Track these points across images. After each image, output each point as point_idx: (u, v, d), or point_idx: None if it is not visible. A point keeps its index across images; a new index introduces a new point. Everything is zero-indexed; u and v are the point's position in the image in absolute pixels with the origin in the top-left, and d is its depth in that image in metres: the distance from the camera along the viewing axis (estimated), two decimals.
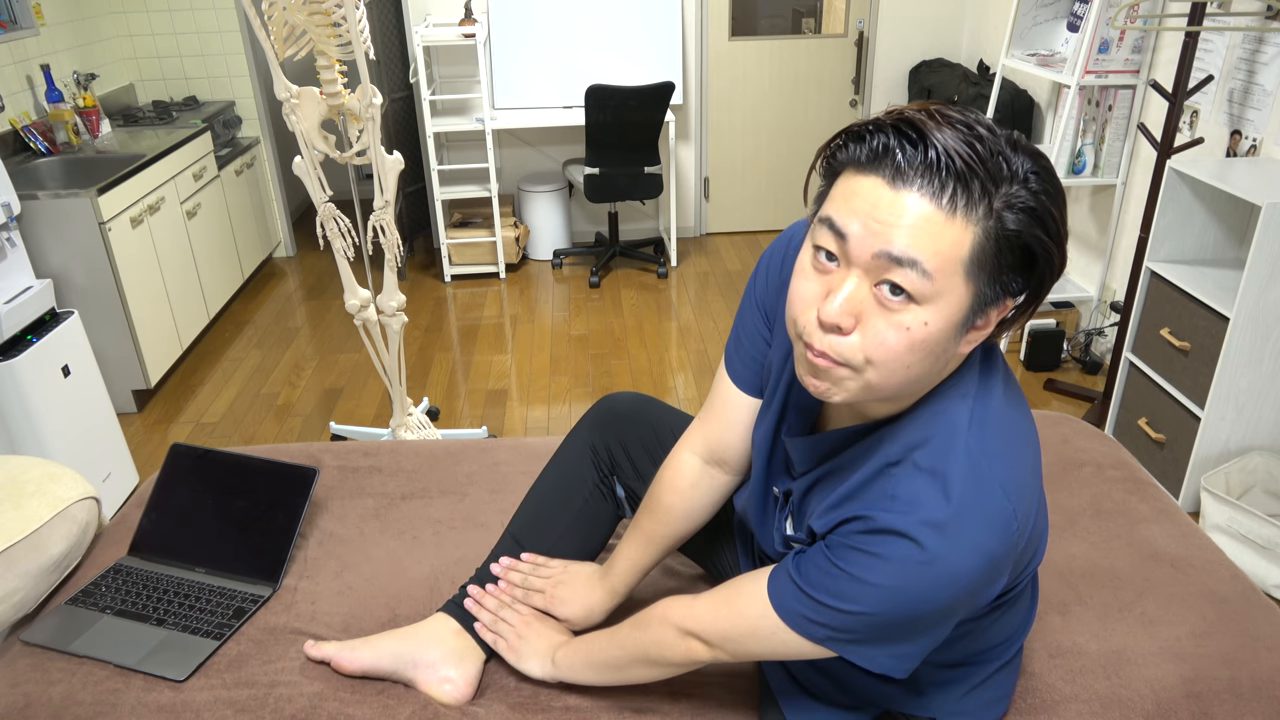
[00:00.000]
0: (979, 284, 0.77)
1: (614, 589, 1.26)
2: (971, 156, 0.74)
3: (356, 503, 1.63)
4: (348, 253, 2.48)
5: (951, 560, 0.81)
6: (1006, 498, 0.83)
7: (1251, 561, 2.23)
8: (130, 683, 1.23)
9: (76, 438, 2.50)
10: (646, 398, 1.39)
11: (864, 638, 0.89)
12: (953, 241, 0.75)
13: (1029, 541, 0.91)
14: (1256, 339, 2.28)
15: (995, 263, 0.76)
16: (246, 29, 4.35)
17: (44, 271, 3.01)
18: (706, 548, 1.35)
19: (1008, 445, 0.86)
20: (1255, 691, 1.19)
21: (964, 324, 0.79)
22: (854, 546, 0.86)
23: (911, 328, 0.77)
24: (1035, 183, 0.76)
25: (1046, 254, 0.78)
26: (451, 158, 4.77)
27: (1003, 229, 0.75)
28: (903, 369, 0.79)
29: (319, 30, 2.17)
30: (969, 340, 0.82)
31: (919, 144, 0.74)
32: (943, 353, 0.80)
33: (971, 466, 0.83)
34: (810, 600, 0.90)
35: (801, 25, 4.66)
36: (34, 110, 3.54)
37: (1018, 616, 1.07)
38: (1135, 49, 3.14)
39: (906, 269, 0.75)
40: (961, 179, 0.74)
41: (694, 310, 4.05)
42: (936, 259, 0.74)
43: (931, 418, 0.86)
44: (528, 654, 1.23)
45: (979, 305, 0.78)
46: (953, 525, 0.81)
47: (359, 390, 3.40)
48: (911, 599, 0.83)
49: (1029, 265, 0.78)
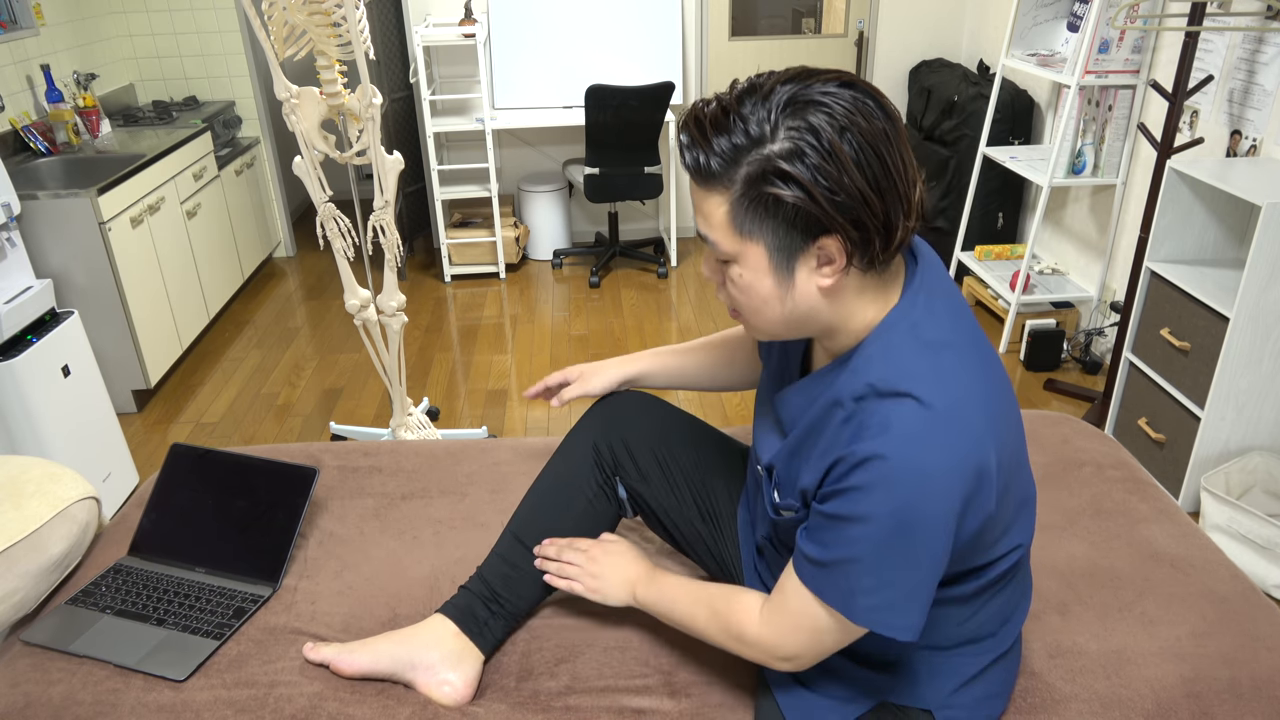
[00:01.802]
0: (759, 238, 0.90)
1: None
2: (717, 140, 0.88)
3: (356, 503, 1.63)
4: (348, 253, 2.48)
5: (930, 462, 0.86)
6: (965, 391, 0.90)
7: (1251, 561, 2.23)
8: (130, 683, 1.23)
9: (76, 438, 2.50)
10: (650, 397, 1.39)
11: (877, 582, 0.91)
12: (715, 210, 0.91)
13: (1004, 443, 0.93)
14: (1256, 339, 2.28)
15: (757, 220, 0.89)
16: (246, 29, 4.35)
17: (44, 271, 3.01)
18: (710, 545, 1.35)
19: (947, 338, 0.93)
20: (1255, 691, 1.19)
21: (780, 268, 0.91)
22: (841, 490, 0.91)
23: (736, 280, 0.94)
24: (789, 143, 0.85)
25: (798, 199, 0.86)
26: (451, 158, 4.77)
27: (750, 191, 0.88)
28: (760, 314, 0.95)
29: (319, 30, 2.17)
30: (825, 275, 0.91)
31: (687, 131, 0.91)
32: (785, 296, 0.93)
33: (930, 377, 0.90)
34: (829, 568, 0.94)
35: (801, 25, 4.66)
36: (34, 110, 3.54)
37: (1009, 598, 1.08)
38: (1135, 49, 3.14)
39: (709, 239, 0.93)
40: (707, 160, 0.89)
41: (694, 310, 4.05)
42: (717, 230, 0.92)
43: (880, 348, 0.94)
44: (609, 594, 1.25)
45: (780, 252, 0.90)
46: (924, 433, 0.87)
47: (359, 390, 3.40)
48: (907, 515, 0.87)
49: (807, 211, 0.86)
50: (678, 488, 1.34)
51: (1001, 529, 1.00)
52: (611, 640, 1.31)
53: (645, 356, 1.44)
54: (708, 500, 1.34)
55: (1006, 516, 0.99)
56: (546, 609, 1.37)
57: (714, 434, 1.39)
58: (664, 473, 1.34)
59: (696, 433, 1.38)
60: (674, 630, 1.32)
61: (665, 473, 1.34)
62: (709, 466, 1.35)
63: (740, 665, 1.26)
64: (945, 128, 4.11)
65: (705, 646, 1.29)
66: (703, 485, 1.34)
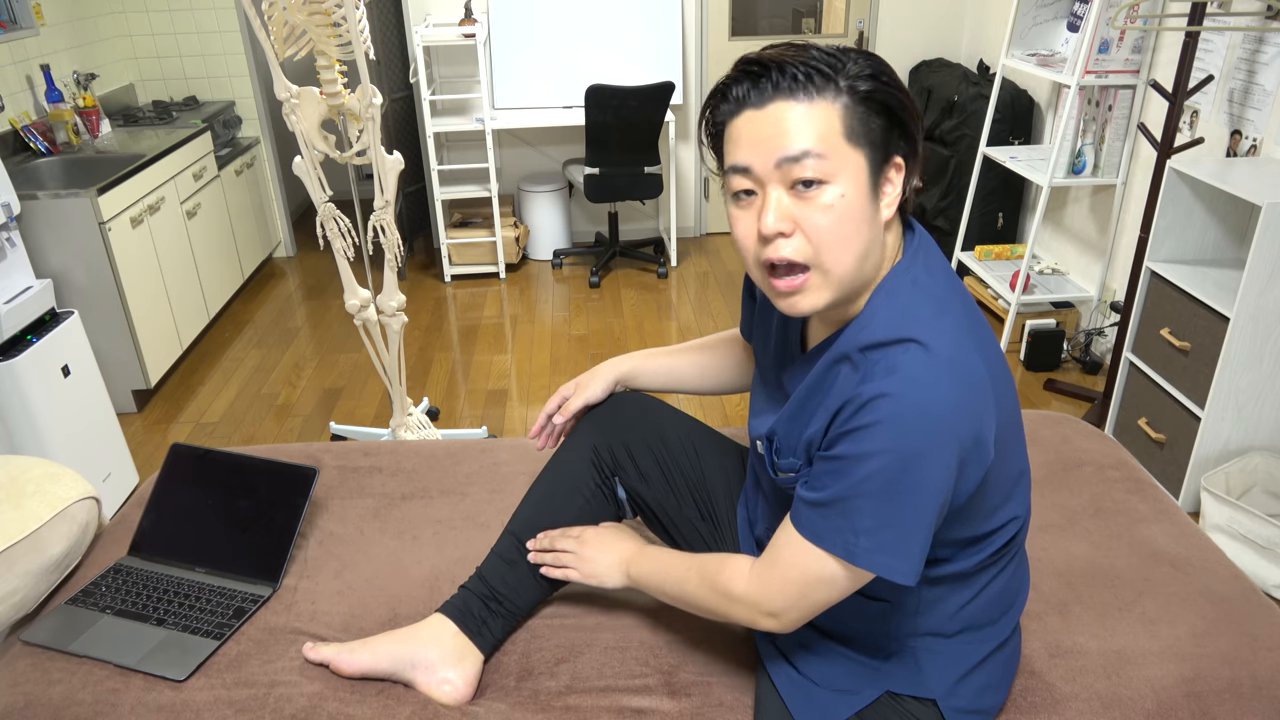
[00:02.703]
0: (864, 147, 0.91)
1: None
2: (806, 59, 0.90)
3: (356, 503, 1.64)
4: (348, 253, 2.48)
5: (934, 402, 0.88)
6: (965, 343, 0.93)
7: (1251, 561, 2.23)
8: (130, 683, 1.23)
9: (76, 438, 2.50)
10: (649, 399, 1.40)
11: (877, 522, 0.91)
12: (825, 120, 0.90)
13: (1003, 396, 0.96)
14: (1256, 339, 2.28)
15: (865, 124, 0.91)
16: (246, 29, 4.35)
17: (44, 271, 3.01)
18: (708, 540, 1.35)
19: (946, 296, 0.97)
20: (1255, 691, 1.19)
21: (873, 186, 0.92)
22: (847, 431, 0.92)
23: (834, 204, 0.91)
24: (865, 64, 0.92)
25: (902, 105, 0.93)
26: (451, 158, 4.77)
27: (857, 95, 0.91)
28: (846, 245, 0.92)
29: (319, 30, 2.17)
30: (887, 204, 0.94)
31: (765, 71, 0.91)
32: (872, 219, 0.93)
33: (934, 324, 0.92)
34: (829, 508, 0.94)
35: (801, 25, 4.66)
36: (34, 110, 3.54)
37: (1008, 586, 1.10)
38: (1135, 49, 3.14)
39: (805, 161, 0.90)
40: (807, 76, 0.90)
41: (694, 310, 4.05)
42: (821, 141, 0.90)
43: (884, 300, 0.97)
44: (603, 574, 1.26)
45: (875, 166, 0.92)
46: (929, 375, 0.89)
47: (359, 390, 3.40)
48: (911, 453, 0.89)
49: (894, 120, 0.93)
50: (677, 488, 1.34)
51: (1001, 495, 1.01)
52: (611, 640, 1.31)
53: (636, 355, 1.43)
54: (707, 500, 1.34)
55: (1006, 480, 1.01)
56: (546, 609, 1.37)
57: (713, 435, 1.39)
58: (663, 473, 1.34)
59: (695, 434, 1.38)
60: (674, 630, 1.32)
61: (664, 473, 1.34)
62: (708, 467, 1.35)
63: (740, 665, 1.26)
64: (945, 128, 4.11)
65: (706, 646, 1.29)
66: (702, 485, 1.35)
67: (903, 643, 1.09)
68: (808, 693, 1.12)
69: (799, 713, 1.11)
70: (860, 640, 1.11)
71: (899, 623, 1.08)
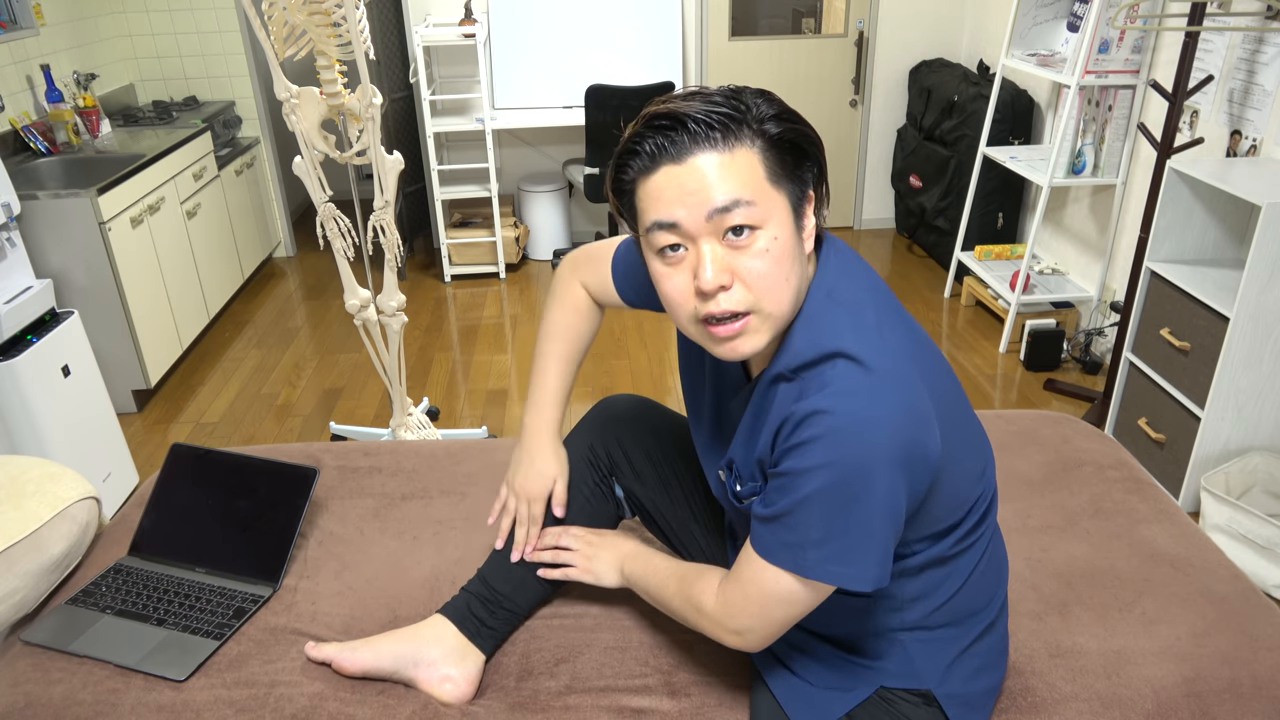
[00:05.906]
0: (784, 186, 0.91)
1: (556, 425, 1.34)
2: (712, 108, 0.89)
3: (356, 503, 1.64)
4: (348, 253, 2.48)
5: (868, 410, 0.89)
6: (886, 342, 0.94)
7: (1251, 561, 2.23)
8: (130, 683, 1.23)
9: (76, 438, 2.50)
10: (645, 400, 1.41)
11: (824, 534, 0.92)
12: (748, 167, 0.89)
13: (935, 384, 0.97)
14: (1256, 339, 2.28)
15: (782, 164, 0.91)
16: (246, 29, 4.35)
17: (44, 271, 3.01)
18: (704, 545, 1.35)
19: (861, 300, 0.98)
20: (1255, 691, 1.20)
21: (796, 222, 0.93)
22: (789, 448, 0.93)
23: (769, 248, 0.90)
24: (766, 105, 0.92)
25: (809, 139, 0.93)
26: (451, 158, 4.77)
27: (769, 139, 0.90)
28: (785, 286, 0.92)
29: (319, 30, 2.17)
30: (807, 236, 0.95)
31: (677, 124, 0.89)
32: (800, 255, 0.94)
33: (852, 333, 0.93)
34: (777, 523, 0.95)
35: (801, 25, 4.66)
36: (34, 110, 3.54)
37: (988, 562, 1.10)
38: (1135, 49, 3.14)
39: (735, 210, 0.88)
40: (721, 124, 0.89)
41: None
42: (748, 188, 0.89)
43: (802, 322, 0.97)
44: (601, 571, 1.27)
45: (796, 202, 0.93)
46: (859, 384, 0.90)
47: (359, 390, 3.40)
48: (851, 463, 0.89)
49: (802, 155, 0.93)
50: (671, 489, 1.35)
51: (966, 484, 1.02)
52: (611, 640, 1.31)
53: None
54: (701, 502, 1.35)
55: (968, 471, 1.02)
56: (546, 609, 1.37)
57: None
58: (658, 474, 1.35)
59: (690, 435, 1.38)
60: (674, 630, 1.32)
61: (659, 474, 1.35)
62: (701, 468, 1.36)
63: (739, 665, 1.26)
64: (945, 128, 4.12)
65: (705, 646, 1.29)
66: (695, 487, 1.36)
67: (891, 636, 1.09)
68: (802, 693, 1.12)
69: (794, 713, 1.11)
70: (849, 637, 1.11)
71: (885, 617, 1.08)
